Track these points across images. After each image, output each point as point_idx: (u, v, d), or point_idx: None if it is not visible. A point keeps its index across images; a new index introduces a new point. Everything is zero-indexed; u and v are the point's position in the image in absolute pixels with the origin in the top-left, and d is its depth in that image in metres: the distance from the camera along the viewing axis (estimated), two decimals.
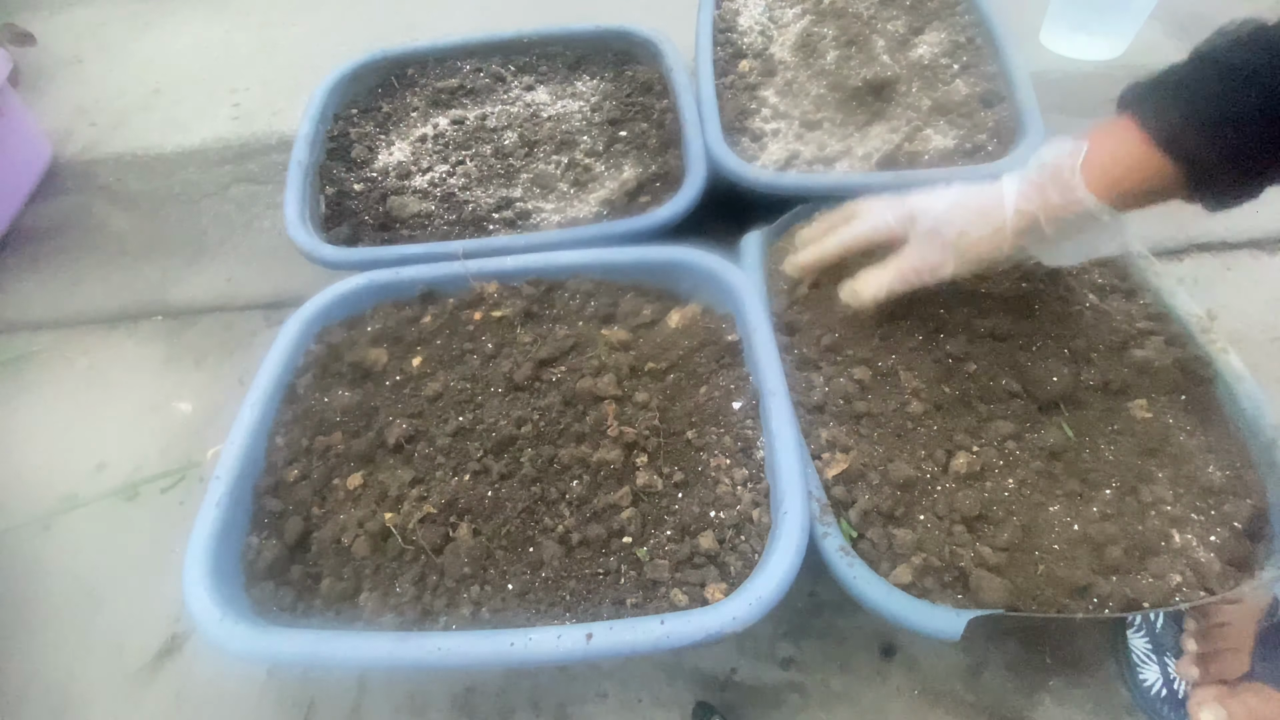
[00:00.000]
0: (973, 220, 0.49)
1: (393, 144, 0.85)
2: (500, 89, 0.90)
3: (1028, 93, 0.73)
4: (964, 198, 0.51)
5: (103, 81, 1.26)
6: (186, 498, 0.73)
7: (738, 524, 0.50)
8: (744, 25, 0.90)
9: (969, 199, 0.50)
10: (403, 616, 0.48)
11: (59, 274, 0.96)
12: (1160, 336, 0.58)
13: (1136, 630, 0.56)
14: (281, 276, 0.92)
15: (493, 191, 0.78)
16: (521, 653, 0.43)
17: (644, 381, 0.58)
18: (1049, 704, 0.56)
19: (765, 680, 0.59)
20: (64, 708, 0.62)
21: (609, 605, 0.48)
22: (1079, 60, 1.08)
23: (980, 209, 0.49)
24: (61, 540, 0.71)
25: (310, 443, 0.58)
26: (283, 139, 1.09)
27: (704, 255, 0.64)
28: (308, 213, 0.75)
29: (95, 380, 0.84)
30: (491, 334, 0.63)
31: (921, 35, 0.84)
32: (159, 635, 0.64)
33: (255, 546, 0.53)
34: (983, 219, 0.49)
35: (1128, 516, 0.50)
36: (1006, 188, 0.49)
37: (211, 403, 0.81)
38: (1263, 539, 0.49)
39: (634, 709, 0.58)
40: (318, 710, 0.60)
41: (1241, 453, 0.53)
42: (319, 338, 0.65)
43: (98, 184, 1.07)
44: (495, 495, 0.52)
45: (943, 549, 0.49)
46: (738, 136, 0.77)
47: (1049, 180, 0.46)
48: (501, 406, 0.57)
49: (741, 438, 0.54)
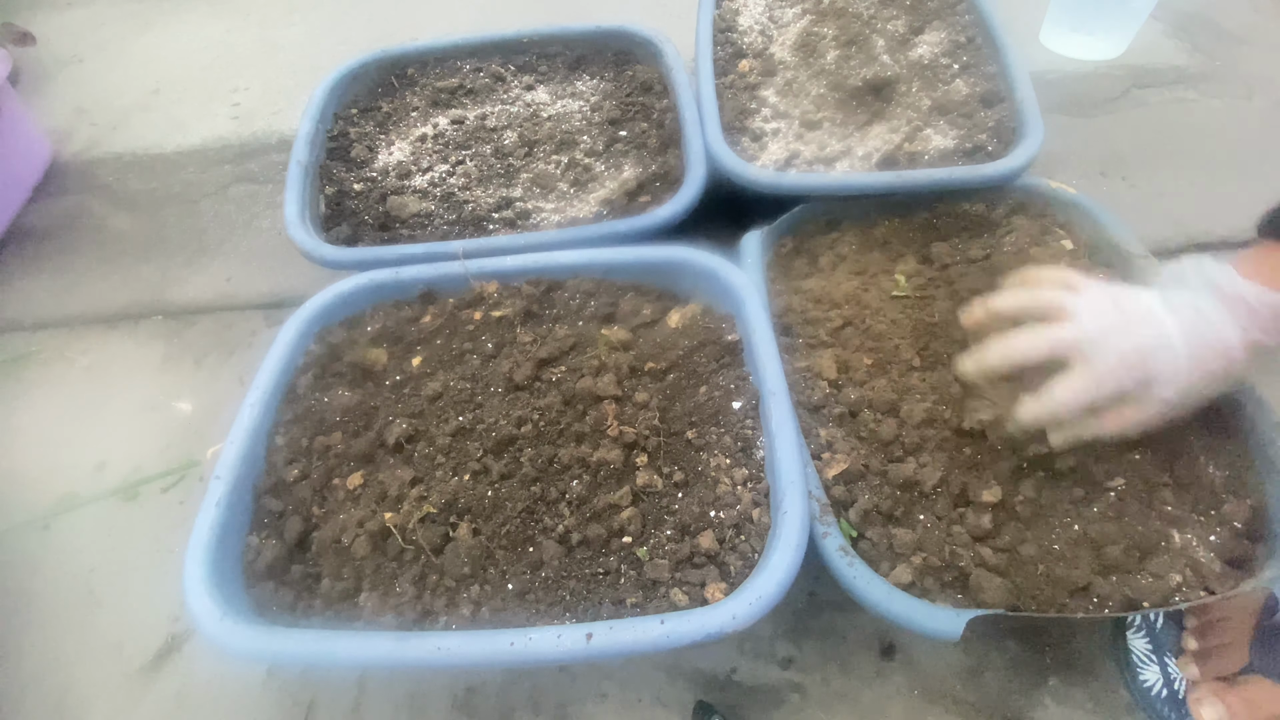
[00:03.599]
0: (1212, 386, 0.48)
1: (393, 144, 0.85)
2: (500, 89, 0.90)
3: (1028, 93, 0.73)
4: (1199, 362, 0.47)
5: (102, 81, 1.26)
6: (186, 498, 0.73)
7: (738, 524, 0.50)
8: (744, 25, 0.90)
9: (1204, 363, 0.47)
10: (403, 616, 0.48)
11: (59, 274, 0.96)
12: None
13: (1136, 630, 0.56)
14: (281, 276, 0.92)
15: (493, 191, 0.78)
16: (521, 653, 0.43)
17: (644, 381, 0.58)
18: (1049, 704, 0.56)
19: (765, 680, 0.59)
20: (64, 708, 0.62)
21: (609, 605, 0.48)
22: (1079, 60, 1.08)
23: (1217, 375, 0.47)
24: (61, 540, 0.71)
25: (310, 443, 0.58)
26: (283, 139, 1.09)
27: (704, 255, 0.64)
28: (308, 212, 0.75)
29: (95, 380, 0.84)
30: (491, 334, 0.63)
31: (921, 35, 0.84)
32: (159, 635, 0.64)
33: (255, 546, 0.53)
34: (1221, 380, 0.48)
35: (1128, 516, 0.50)
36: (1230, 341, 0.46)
37: (211, 403, 0.81)
38: (1263, 539, 0.49)
39: (634, 709, 0.58)
40: (318, 710, 0.60)
41: (1241, 453, 0.53)
42: (319, 338, 0.65)
43: (98, 184, 1.07)
44: (495, 495, 0.52)
45: (943, 549, 0.49)
46: (738, 136, 0.77)
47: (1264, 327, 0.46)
48: (501, 406, 0.57)
49: (741, 437, 0.54)
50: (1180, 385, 0.47)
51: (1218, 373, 0.47)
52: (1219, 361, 0.47)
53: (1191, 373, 0.47)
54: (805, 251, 0.71)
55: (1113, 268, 0.64)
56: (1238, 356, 0.47)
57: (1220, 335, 0.47)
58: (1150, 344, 0.47)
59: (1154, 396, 0.47)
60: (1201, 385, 0.48)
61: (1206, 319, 0.47)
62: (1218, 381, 0.48)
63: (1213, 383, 0.48)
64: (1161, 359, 0.47)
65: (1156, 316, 0.48)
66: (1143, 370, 0.47)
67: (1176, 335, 0.47)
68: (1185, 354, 0.47)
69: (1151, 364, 0.47)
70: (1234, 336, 0.46)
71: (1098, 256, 0.66)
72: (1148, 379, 0.47)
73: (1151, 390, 0.47)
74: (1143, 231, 0.67)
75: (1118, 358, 0.47)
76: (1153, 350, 0.47)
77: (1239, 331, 0.46)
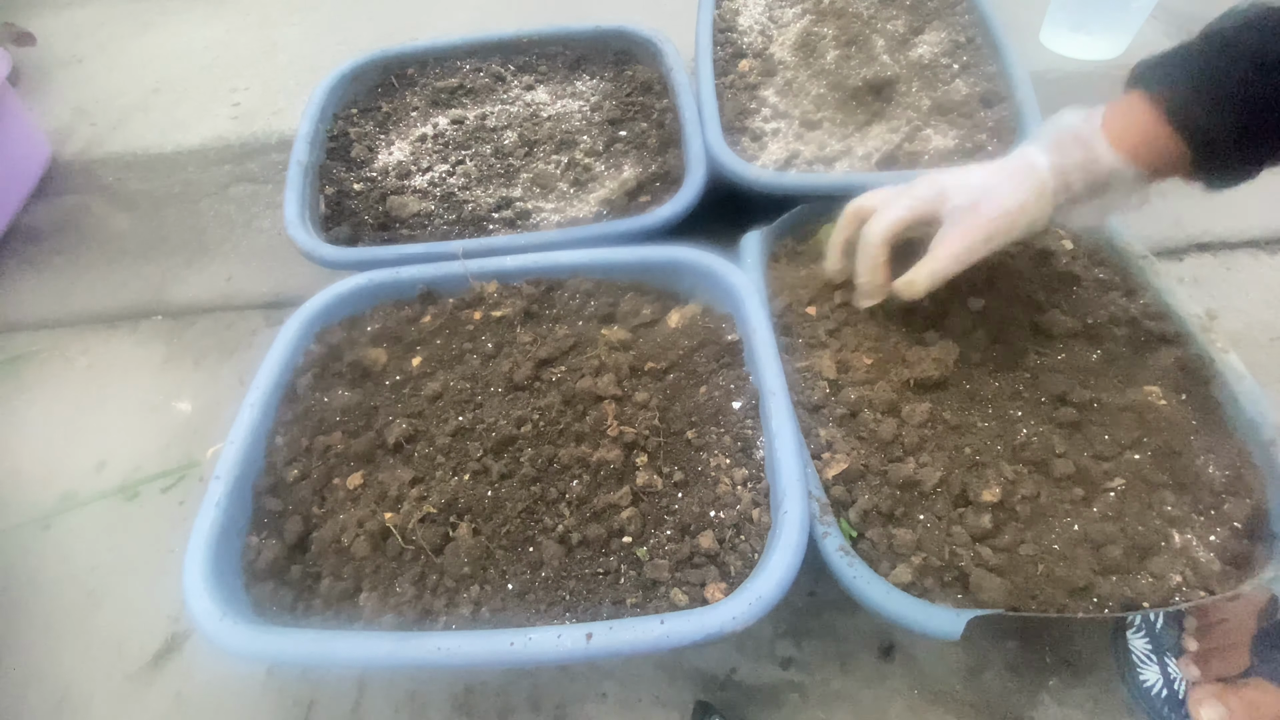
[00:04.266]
0: (1012, 188, 0.49)
1: (392, 144, 0.85)
2: (500, 89, 0.90)
3: (1028, 93, 0.73)
4: (994, 170, 0.50)
5: (102, 81, 1.26)
6: (186, 497, 0.73)
7: (738, 524, 0.50)
8: (744, 25, 0.90)
9: (999, 170, 0.50)
10: (403, 616, 0.48)
11: (59, 274, 0.96)
12: (1160, 336, 0.58)
13: (1136, 630, 0.56)
14: (281, 276, 0.92)
15: (492, 191, 0.78)
16: (521, 653, 0.43)
17: (644, 381, 0.58)
18: (1049, 704, 0.56)
19: (765, 680, 0.59)
20: (64, 708, 0.62)
21: (609, 605, 0.48)
22: (1079, 60, 1.08)
23: (1014, 175, 0.49)
24: (61, 540, 0.71)
25: (310, 442, 0.58)
26: (283, 139, 1.09)
27: (704, 255, 0.64)
28: (307, 212, 0.75)
29: (95, 380, 0.84)
30: (491, 334, 0.63)
31: (921, 35, 0.84)
32: (159, 635, 0.64)
33: (255, 546, 0.53)
34: (1022, 185, 0.49)
35: (1128, 516, 0.50)
36: (1032, 154, 0.49)
37: (211, 402, 0.81)
38: (1263, 539, 0.49)
39: (634, 709, 0.58)
40: (318, 710, 0.60)
41: (1241, 453, 0.53)
42: (319, 338, 0.65)
43: (98, 184, 1.07)
44: (495, 495, 0.52)
45: (942, 549, 0.49)
46: (738, 136, 0.77)
47: (1071, 141, 0.48)
48: (501, 406, 0.57)
49: (741, 437, 0.54)
50: (975, 186, 0.50)
51: (1018, 170, 0.49)
52: (1015, 161, 0.50)
53: (986, 181, 0.50)
54: (805, 251, 0.71)
55: (1111, 266, 0.64)
56: (1043, 175, 0.49)
57: (1022, 156, 0.50)
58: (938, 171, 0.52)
59: (955, 206, 0.50)
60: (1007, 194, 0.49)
61: (1021, 148, 0.50)
62: (1029, 197, 0.49)
63: (1023, 195, 0.49)
64: (950, 172, 0.52)
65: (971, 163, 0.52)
66: (934, 184, 0.52)
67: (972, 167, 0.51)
68: (975, 168, 0.51)
69: (941, 177, 0.52)
70: (1035, 147, 0.49)
71: (1097, 256, 0.66)
72: (941, 190, 0.51)
73: (949, 201, 0.51)
74: (1143, 231, 0.67)
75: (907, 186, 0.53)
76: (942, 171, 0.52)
77: (1042, 143, 0.49)
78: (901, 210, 0.53)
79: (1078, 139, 0.48)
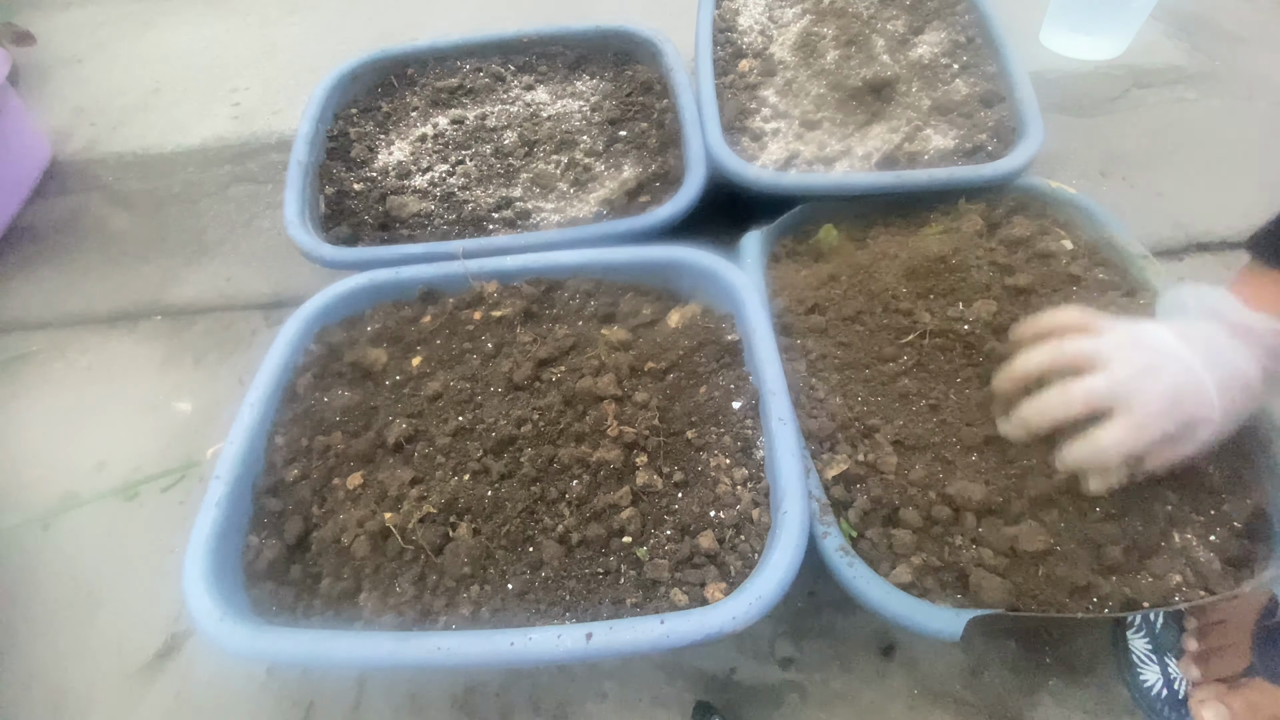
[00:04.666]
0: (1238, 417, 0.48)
1: (392, 144, 0.85)
2: (500, 89, 0.90)
3: (1028, 93, 0.73)
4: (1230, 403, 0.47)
5: (103, 81, 1.26)
6: (186, 497, 0.73)
7: (738, 524, 0.50)
8: (744, 25, 0.90)
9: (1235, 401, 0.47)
10: (402, 616, 0.48)
11: (59, 274, 0.96)
12: None
13: (1136, 630, 0.56)
14: (281, 276, 0.92)
15: (492, 191, 0.78)
16: (521, 652, 0.43)
17: (644, 381, 0.58)
18: (1049, 704, 0.56)
19: (765, 680, 0.59)
20: (64, 708, 0.62)
21: (609, 605, 0.48)
22: (1079, 60, 1.08)
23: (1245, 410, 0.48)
24: (61, 540, 0.71)
25: (310, 442, 0.58)
26: (283, 139, 1.09)
27: (704, 255, 0.64)
28: (307, 212, 0.75)
29: (95, 380, 0.84)
30: (491, 334, 0.63)
31: (921, 35, 0.84)
32: (159, 635, 0.64)
33: (255, 546, 0.53)
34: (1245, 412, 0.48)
35: (1128, 516, 0.50)
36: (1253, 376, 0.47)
37: (211, 402, 0.81)
38: (1263, 539, 0.49)
39: (634, 709, 0.58)
40: (318, 710, 0.60)
41: (1241, 453, 0.52)
42: (319, 338, 0.65)
43: (97, 184, 1.07)
44: (495, 495, 0.52)
45: (942, 549, 0.49)
46: (738, 136, 0.77)
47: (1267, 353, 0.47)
48: (501, 406, 0.57)
49: (741, 437, 0.54)
50: (1215, 425, 0.47)
51: (1242, 406, 0.47)
52: (1243, 394, 0.47)
53: (1226, 414, 0.47)
54: (805, 251, 0.71)
55: (1111, 266, 0.64)
56: (1256, 388, 0.47)
57: (1239, 368, 0.47)
58: (1183, 384, 0.46)
59: (1194, 438, 0.47)
60: (1230, 420, 0.47)
61: (1223, 353, 0.47)
62: (1243, 414, 0.48)
63: (1239, 416, 0.48)
64: (1197, 400, 0.46)
65: (1181, 355, 0.47)
66: (1181, 413, 0.46)
67: (1203, 372, 0.46)
68: (1215, 391, 0.46)
69: (1188, 406, 0.46)
70: (1250, 367, 0.47)
71: (1097, 256, 0.66)
72: (1189, 425, 0.46)
73: (1193, 432, 0.47)
74: (1143, 231, 0.67)
75: (1157, 403, 0.46)
76: (1187, 392, 0.46)
77: (1253, 362, 0.47)
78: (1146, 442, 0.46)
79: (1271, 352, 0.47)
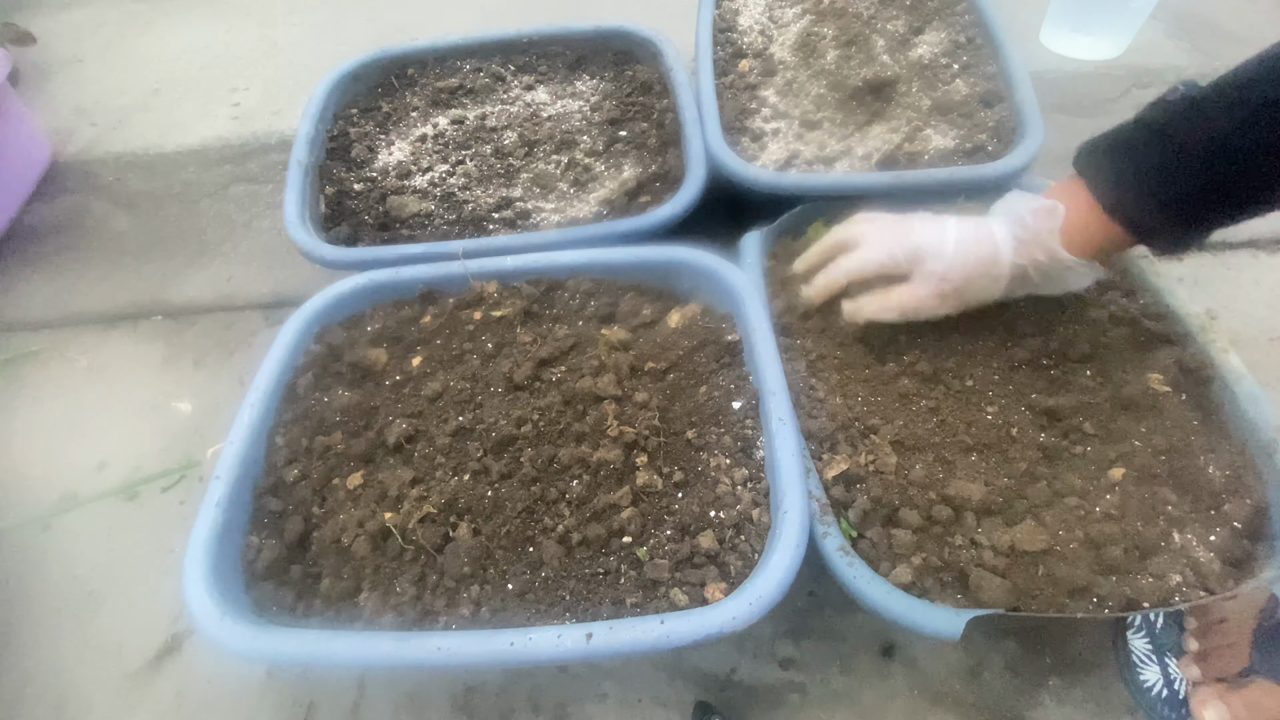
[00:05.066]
0: (976, 271, 0.54)
1: (393, 144, 0.85)
2: (500, 89, 0.90)
3: (1028, 93, 0.73)
4: (965, 246, 0.54)
5: (103, 81, 1.26)
6: (186, 497, 0.73)
7: (738, 524, 0.50)
8: (744, 25, 0.90)
9: (970, 249, 0.54)
10: (403, 616, 0.48)
11: (59, 274, 0.96)
12: (1160, 336, 0.58)
13: (1136, 630, 0.56)
14: (281, 276, 0.92)
15: (493, 191, 0.78)
16: (521, 653, 0.43)
17: (644, 381, 0.58)
18: (1049, 704, 0.56)
19: (765, 680, 0.59)
20: (64, 708, 0.62)
21: (609, 605, 0.48)
22: (1079, 60, 1.08)
23: (981, 260, 0.54)
24: (61, 540, 0.71)
25: (310, 443, 0.58)
26: (283, 139, 1.09)
27: (704, 255, 0.64)
28: (308, 213, 0.75)
29: (95, 380, 0.84)
30: (491, 334, 0.63)
31: (921, 35, 0.84)
32: (159, 635, 0.64)
33: (255, 546, 0.53)
34: (984, 270, 0.54)
35: (1128, 516, 0.50)
36: (1000, 241, 0.54)
37: (211, 403, 0.81)
38: (1263, 539, 0.49)
39: (634, 709, 0.58)
40: (318, 710, 0.60)
41: (1241, 453, 0.53)
42: (319, 338, 0.65)
43: (98, 184, 1.07)
44: (495, 495, 0.52)
45: (942, 549, 0.49)
46: (738, 136, 0.77)
47: (1034, 241, 0.52)
48: (501, 406, 0.57)
49: (741, 437, 0.54)
50: (946, 261, 0.54)
51: (984, 259, 0.53)
52: (984, 247, 0.53)
53: (955, 257, 0.54)
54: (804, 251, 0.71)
55: (1110, 267, 0.64)
56: (1003, 268, 0.54)
57: (990, 230, 0.54)
58: (920, 228, 0.56)
59: (925, 271, 0.54)
60: (969, 274, 0.54)
61: (982, 221, 0.55)
62: (986, 283, 0.54)
63: (983, 281, 0.54)
64: (928, 236, 0.55)
65: (937, 218, 0.56)
66: (909, 245, 0.55)
67: (950, 225, 0.55)
68: (953, 238, 0.54)
69: (918, 239, 0.55)
70: (1002, 234, 0.54)
71: None
72: (916, 254, 0.55)
73: (923, 265, 0.54)
74: None
75: (889, 235, 0.56)
76: (921, 231, 0.55)
77: (1008, 233, 0.53)
78: (874, 262, 0.57)
79: (1039, 242, 0.52)
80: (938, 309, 0.56)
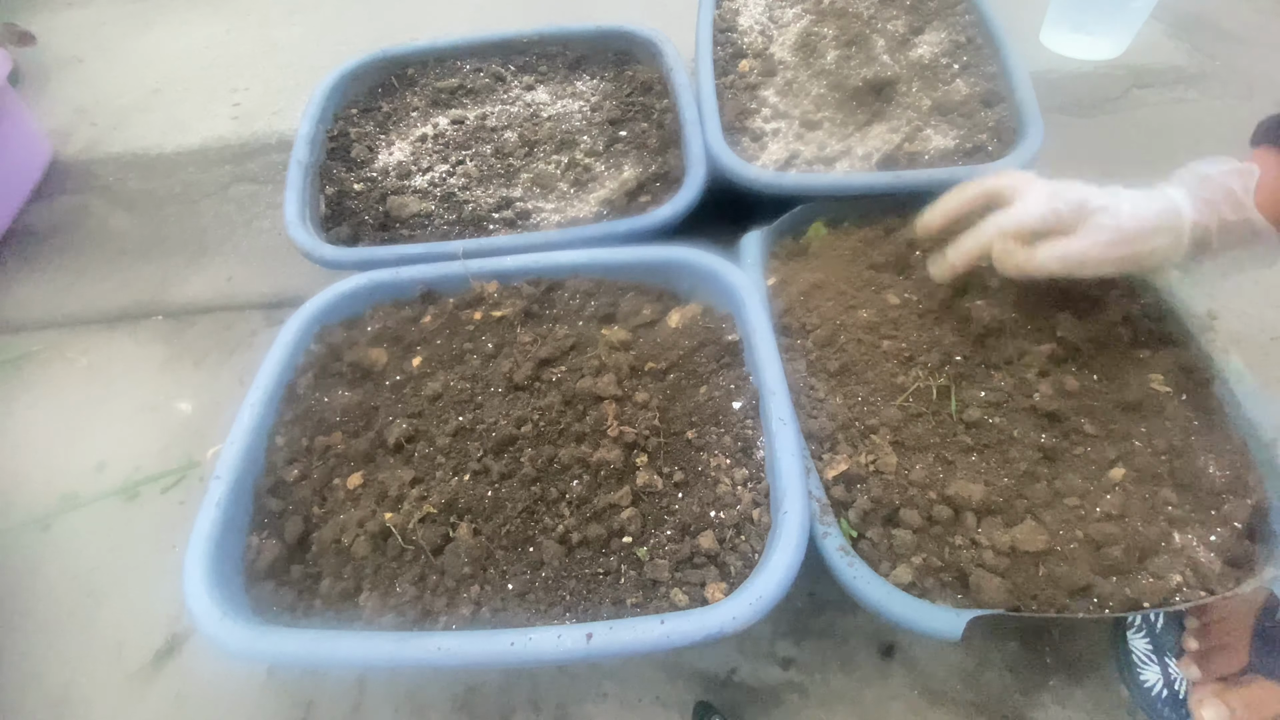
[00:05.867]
0: (1154, 224, 0.49)
1: (393, 144, 0.85)
2: (500, 89, 0.90)
3: (1028, 93, 0.73)
4: (1140, 200, 0.49)
5: (103, 81, 1.26)
6: (186, 498, 0.73)
7: (738, 524, 0.50)
8: (744, 25, 0.90)
9: (1145, 203, 0.49)
10: (403, 616, 0.48)
11: (59, 274, 0.96)
12: (1160, 336, 0.58)
13: (1136, 630, 0.56)
14: (281, 276, 0.92)
15: (493, 191, 0.78)
16: (521, 653, 0.43)
17: (644, 381, 0.58)
18: (1049, 704, 0.56)
19: (765, 680, 0.59)
20: (64, 707, 0.62)
21: (609, 605, 0.48)
22: (1079, 60, 1.08)
23: (1161, 213, 0.48)
24: (61, 540, 0.71)
25: (310, 443, 0.58)
26: (283, 139, 1.09)
27: (704, 255, 0.64)
28: (308, 213, 0.75)
29: (95, 380, 0.84)
30: (491, 334, 0.63)
31: (921, 35, 0.84)
32: (159, 635, 0.64)
33: (255, 546, 0.53)
34: (1164, 224, 0.48)
35: (1128, 517, 0.50)
36: (1179, 199, 0.48)
37: (211, 403, 0.81)
38: (1263, 539, 0.49)
39: (634, 709, 0.58)
40: (318, 710, 0.60)
41: (1241, 453, 0.52)
42: (319, 338, 0.65)
43: (98, 184, 1.07)
44: (495, 495, 0.52)
45: (942, 549, 0.49)
46: (738, 136, 0.77)
47: (1223, 199, 0.47)
48: (501, 406, 0.57)
49: (741, 438, 0.54)
50: (1122, 213, 0.49)
51: (1162, 212, 0.48)
52: (1161, 202, 0.49)
53: (1134, 206, 0.49)
54: (805, 251, 0.71)
55: None
56: (1184, 225, 0.48)
57: (1164, 190, 0.49)
58: (1081, 184, 0.50)
59: (1095, 223, 0.49)
60: (1146, 224, 0.49)
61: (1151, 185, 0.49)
62: (1168, 241, 0.49)
63: (1163, 238, 0.49)
64: (1093, 189, 0.49)
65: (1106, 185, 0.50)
66: (1074, 197, 0.49)
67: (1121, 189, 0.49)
68: (1125, 193, 0.49)
69: (1084, 191, 0.49)
70: (1179, 194, 0.49)
71: None
72: (1083, 206, 0.49)
73: (1093, 218, 0.49)
74: None
75: (1049, 186, 0.50)
76: (1084, 186, 0.50)
77: (1187, 193, 0.49)
78: (1039, 215, 0.50)
79: (1230, 199, 0.47)
80: (1105, 263, 0.50)
